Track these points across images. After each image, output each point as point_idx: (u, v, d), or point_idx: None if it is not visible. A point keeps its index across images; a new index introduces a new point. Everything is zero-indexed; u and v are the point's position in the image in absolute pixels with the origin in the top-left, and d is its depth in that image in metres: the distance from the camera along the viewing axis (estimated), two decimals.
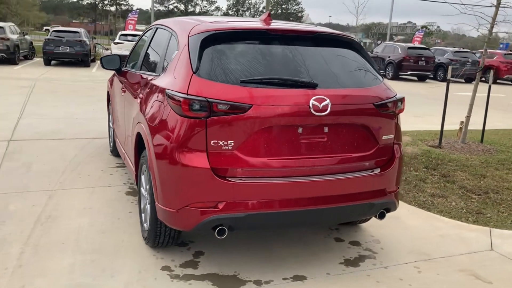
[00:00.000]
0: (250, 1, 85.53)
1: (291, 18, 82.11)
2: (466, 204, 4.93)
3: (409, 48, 22.60)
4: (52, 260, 3.35)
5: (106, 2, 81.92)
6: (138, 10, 29.92)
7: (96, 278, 3.16)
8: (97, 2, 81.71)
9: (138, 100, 3.76)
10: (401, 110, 3.48)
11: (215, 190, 2.95)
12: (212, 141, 2.92)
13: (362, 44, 3.76)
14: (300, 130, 3.07)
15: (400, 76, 21.90)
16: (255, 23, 3.55)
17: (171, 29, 3.80)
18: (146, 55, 4.38)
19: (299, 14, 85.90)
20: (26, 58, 20.67)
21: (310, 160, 3.12)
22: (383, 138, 3.36)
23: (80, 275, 3.18)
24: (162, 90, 3.23)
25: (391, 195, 3.45)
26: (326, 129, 3.14)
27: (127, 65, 4.97)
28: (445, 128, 7.08)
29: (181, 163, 2.95)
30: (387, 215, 3.49)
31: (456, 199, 5.05)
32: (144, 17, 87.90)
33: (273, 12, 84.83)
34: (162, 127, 3.13)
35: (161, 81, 3.37)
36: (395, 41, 37.72)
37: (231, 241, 3.77)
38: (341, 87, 3.20)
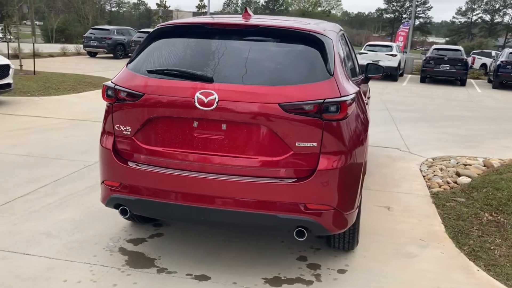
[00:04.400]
0: None
1: None
2: None
3: None
4: (58, 213, 4.17)
5: (404, 16, 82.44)
6: (408, 22, 29.35)
7: (62, 231, 3.82)
8: (396, 15, 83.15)
9: None
10: (337, 116, 2.92)
11: (116, 171, 3.21)
12: (116, 126, 3.19)
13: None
14: (195, 124, 3.01)
15: None
16: (210, 19, 3.54)
17: None
18: None
19: None
20: None
21: (204, 156, 3.01)
22: (297, 144, 2.91)
23: (58, 227, 3.90)
24: None
25: (312, 214, 2.95)
26: (224, 126, 2.97)
27: None
28: None
29: (100, 143, 3.32)
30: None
31: None
32: (444, 30, 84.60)
33: None
34: None
35: None
36: None
37: (201, 233, 3.87)
38: (245, 83, 2.95)
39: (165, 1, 32.53)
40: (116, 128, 3.19)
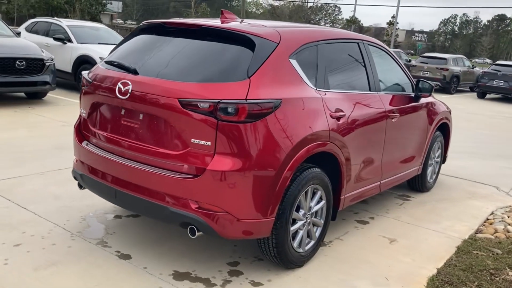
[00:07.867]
0: None
1: None
2: None
3: None
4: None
5: None
6: None
7: (68, 197, 4.43)
8: None
9: None
10: (233, 118, 2.82)
11: (76, 148, 3.67)
12: (81, 108, 3.64)
13: None
14: (123, 112, 3.25)
15: None
16: (175, 19, 3.67)
17: None
18: None
19: None
20: (471, 90, 21.55)
21: (124, 142, 3.23)
22: (192, 141, 2.90)
23: (70, 194, 4.52)
24: None
25: (202, 213, 2.91)
26: (141, 116, 3.14)
27: None
28: None
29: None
30: None
31: None
32: None
33: None
34: None
35: None
36: None
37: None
38: (159, 77, 3.06)
39: (354, 18, 32.62)
40: (80, 111, 3.65)
